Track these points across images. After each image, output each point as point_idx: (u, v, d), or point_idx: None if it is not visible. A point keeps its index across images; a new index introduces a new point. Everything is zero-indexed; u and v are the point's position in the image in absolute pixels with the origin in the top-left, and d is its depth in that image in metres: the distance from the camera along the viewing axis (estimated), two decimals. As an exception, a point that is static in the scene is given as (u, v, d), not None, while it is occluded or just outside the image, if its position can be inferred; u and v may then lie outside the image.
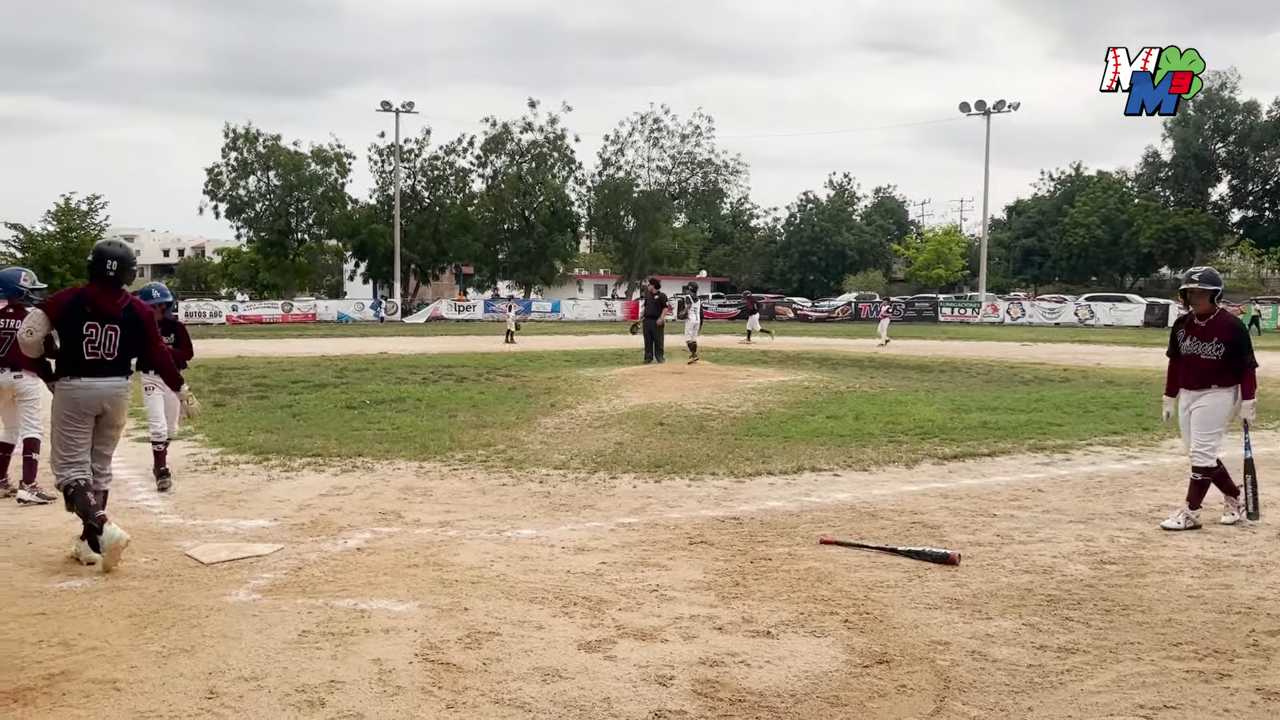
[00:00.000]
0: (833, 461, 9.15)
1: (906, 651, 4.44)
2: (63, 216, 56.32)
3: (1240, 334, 6.90)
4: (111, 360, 5.95)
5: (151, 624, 4.68)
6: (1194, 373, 6.93)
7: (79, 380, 5.86)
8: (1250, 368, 6.88)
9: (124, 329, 5.96)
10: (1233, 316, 7.12)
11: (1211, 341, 6.85)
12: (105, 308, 5.92)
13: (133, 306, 6.07)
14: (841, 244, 75.05)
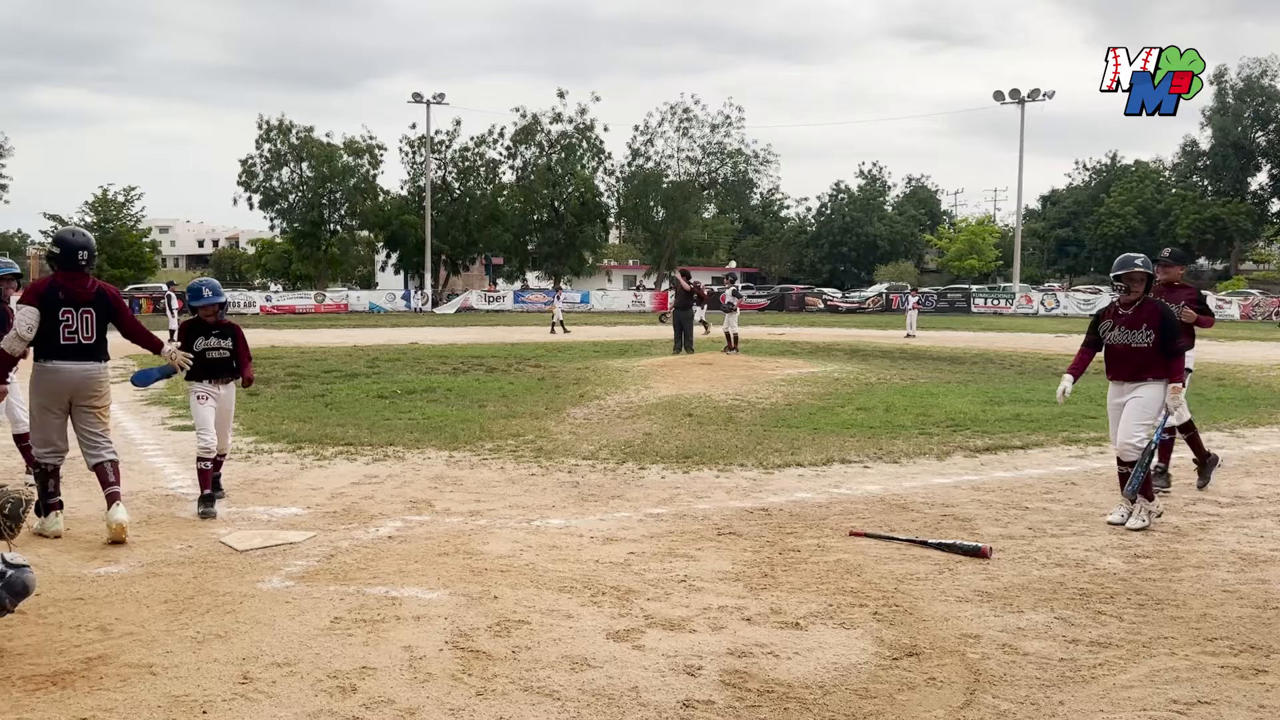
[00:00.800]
0: (863, 453, 9.11)
1: (936, 644, 4.42)
2: (100, 207, 57.23)
3: (1171, 321, 6.57)
4: (90, 344, 6.17)
5: (187, 609, 4.75)
6: (1128, 364, 6.60)
7: (51, 364, 6.11)
8: (1178, 354, 6.55)
9: (98, 311, 6.21)
10: (1161, 302, 6.75)
11: (1141, 329, 6.52)
12: (78, 293, 6.15)
13: (102, 289, 6.36)
14: (873, 234, 74.57)
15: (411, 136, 60.28)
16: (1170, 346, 6.50)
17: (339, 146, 59.26)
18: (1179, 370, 6.54)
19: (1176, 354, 6.53)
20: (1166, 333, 6.50)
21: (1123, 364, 6.63)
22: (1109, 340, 6.70)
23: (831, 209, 78.07)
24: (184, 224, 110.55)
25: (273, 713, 3.63)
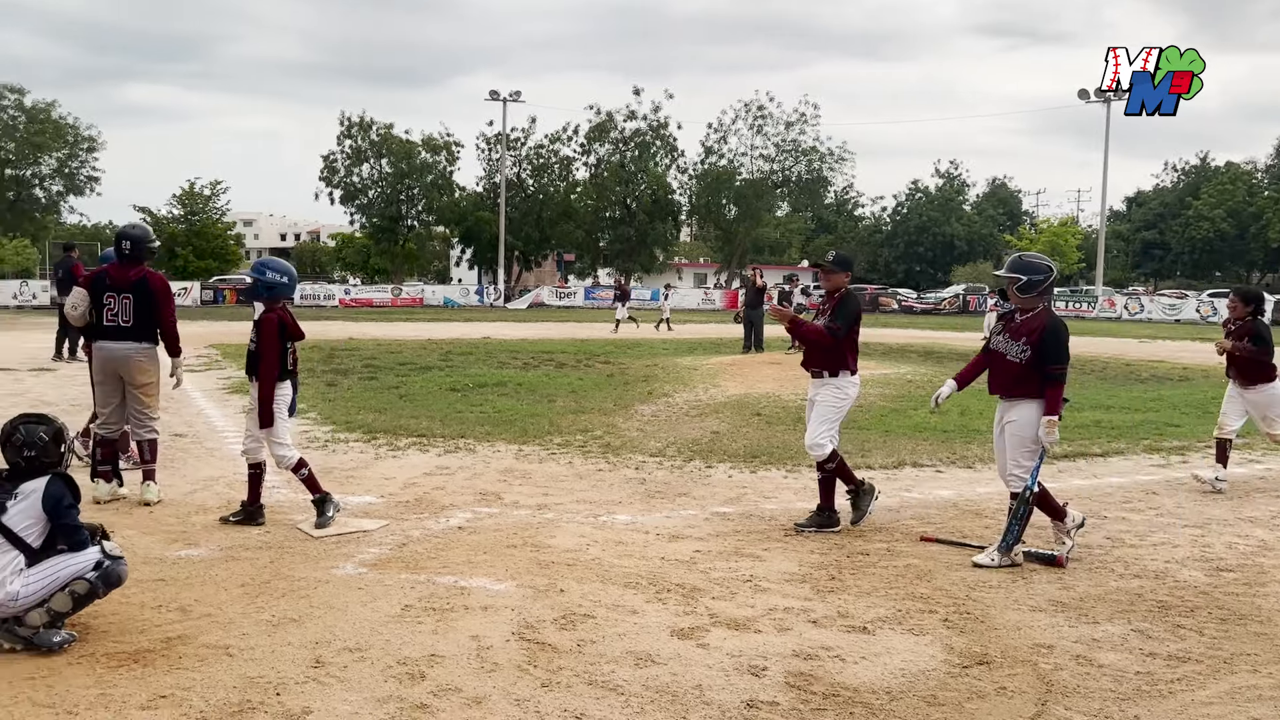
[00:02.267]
0: (935, 457, 8.96)
1: (1008, 653, 4.33)
2: (187, 200, 59.00)
3: (1052, 336, 5.64)
4: (127, 326, 6.76)
5: (263, 593, 4.89)
6: (1000, 377, 5.85)
7: (97, 343, 6.85)
8: (1055, 380, 5.62)
9: (136, 296, 6.74)
10: (1053, 317, 5.78)
11: (1019, 341, 5.72)
12: (119, 280, 6.78)
13: (145, 278, 6.85)
14: (950, 234, 73.25)
15: (488, 134, 60.99)
16: (1047, 371, 5.65)
17: (417, 143, 60.22)
18: (1054, 400, 5.62)
19: (1052, 380, 5.64)
20: (1044, 353, 5.63)
21: (996, 374, 5.91)
22: (993, 344, 5.99)
23: (908, 208, 76.88)
24: (267, 217, 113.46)
25: (343, 697, 3.72)
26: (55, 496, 4.20)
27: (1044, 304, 5.83)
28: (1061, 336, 5.68)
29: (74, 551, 4.22)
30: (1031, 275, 5.78)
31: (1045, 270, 5.84)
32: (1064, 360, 5.66)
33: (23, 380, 14.09)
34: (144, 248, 7.02)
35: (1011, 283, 5.82)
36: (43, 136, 53.31)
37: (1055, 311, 5.86)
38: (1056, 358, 5.63)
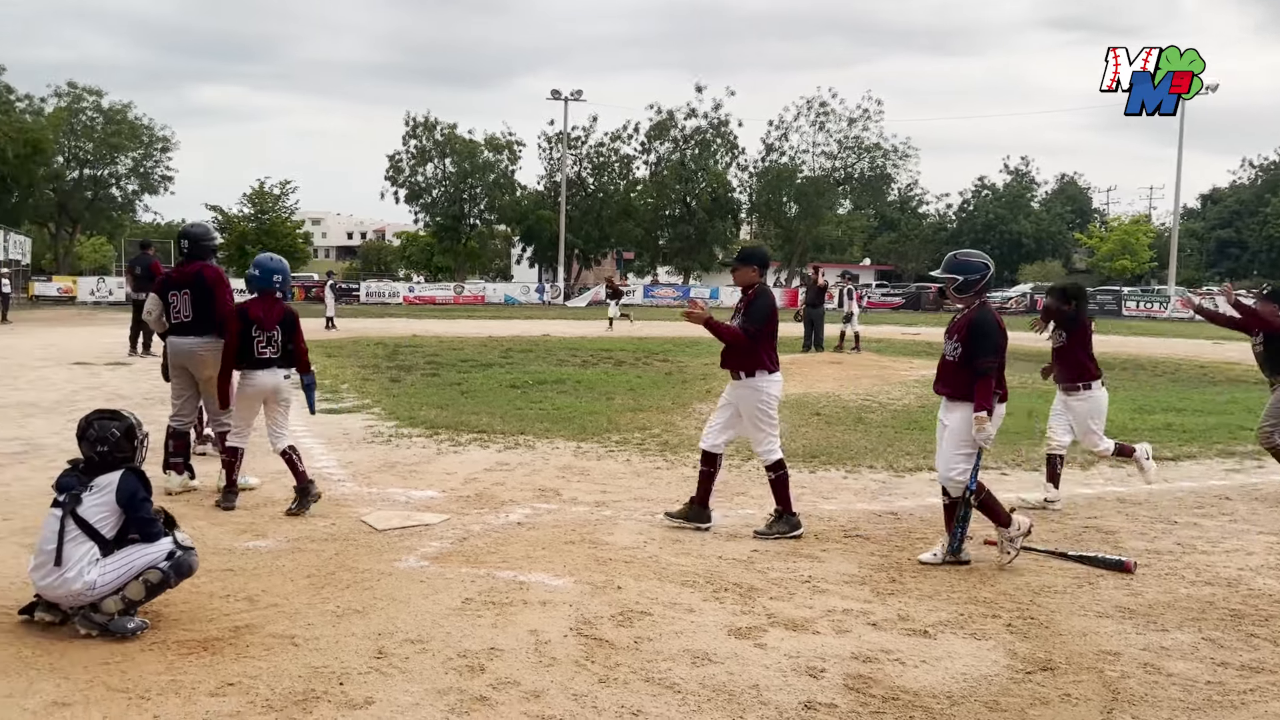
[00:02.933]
0: (1000, 459, 8.81)
1: (1073, 660, 4.25)
2: (257, 199, 60.33)
3: (978, 330, 5.50)
4: (189, 320, 7.00)
5: (328, 584, 4.99)
6: (940, 376, 5.73)
7: (169, 339, 7.19)
8: (981, 374, 5.44)
9: (193, 291, 6.99)
10: (982, 312, 5.60)
11: (952, 339, 5.62)
12: (178, 277, 7.13)
13: (200, 272, 7.07)
14: (1018, 232, 71.87)
15: (549, 133, 61.43)
16: (974, 365, 5.48)
17: (480, 143, 60.85)
18: (982, 395, 5.43)
19: (979, 374, 5.47)
20: (972, 347, 5.50)
21: (938, 374, 5.77)
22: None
23: (974, 205, 75.59)
24: (334, 216, 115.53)
25: (405, 688, 3.78)
26: (129, 491, 4.33)
27: (980, 301, 5.68)
28: (988, 330, 5.52)
29: (148, 542, 4.35)
30: (967, 275, 5.65)
31: (980, 269, 5.69)
32: (991, 354, 5.47)
33: (99, 374, 14.55)
34: (202, 246, 7.21)
35: (949, 283, 5.71)
36: (119, 137, 54.94)
37: (990, 308, 5.69)
38: (983, 351, 5.48)
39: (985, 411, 5.43)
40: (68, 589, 4.17)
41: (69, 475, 4.39)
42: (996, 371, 5.50)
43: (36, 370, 14.86)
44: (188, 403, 7.15)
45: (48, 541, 4.22)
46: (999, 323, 5.56)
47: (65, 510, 4.24)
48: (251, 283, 6.72)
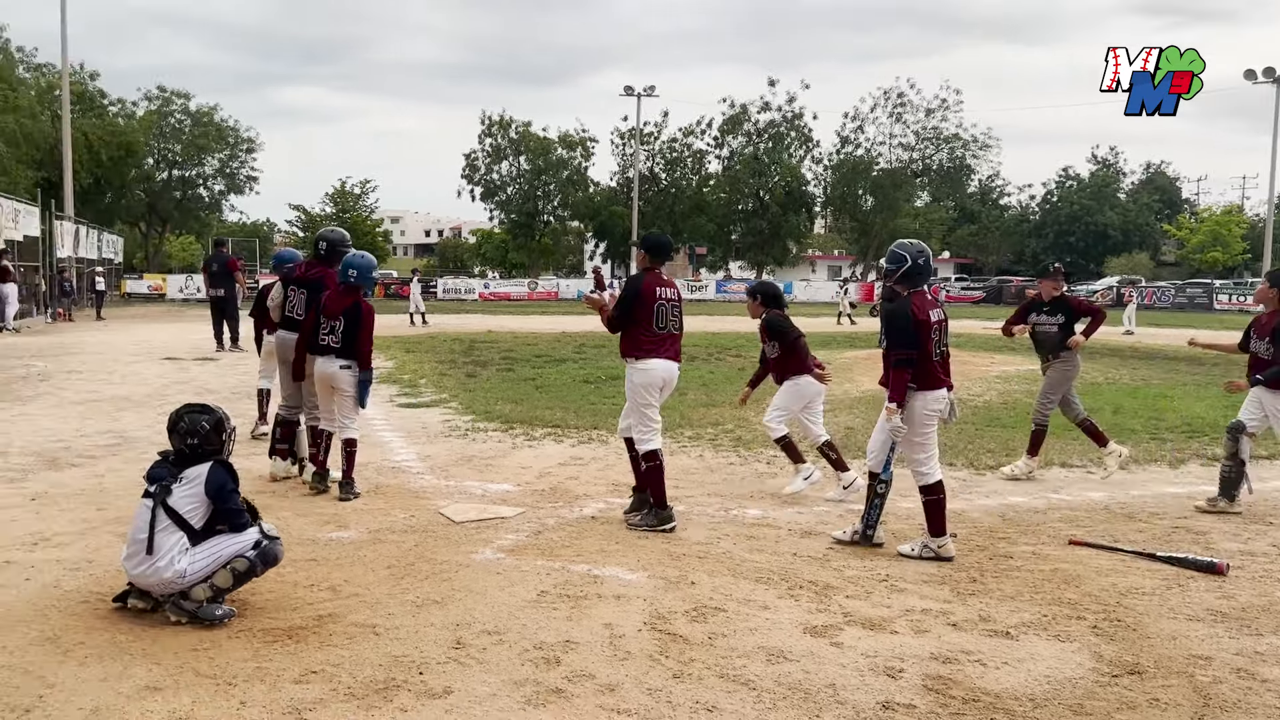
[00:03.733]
0: (1085, 457, 8.57)
1: (1162, 664, 4.12)
2: (338, 199, 61.77)
3: (891, 324, 5.58)
4: (301, 319, 7.18)
5: (407, 575, 5.07)
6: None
7: (279, 333, 7.54)
8: (896, 366, 5.48)
9: (309, 291, 7.23)
10: (899, 303, 5.61)
11: (881, 330, 5.71)
12: (301, 277, 7.41)
13: (322, 276, 7.25)
14: (1103, 223, 69.73)
15: (622, 129, 61.57)
16: (891, 356, 5.54)
17: (554, 140, 61.30)
18: (895, 386, 5.47)
19: (894, 366, 5.51)
20: (889, 338, 5.59)
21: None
22: None
23: (1058, 196, 73.60)
24: (413, 215, 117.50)
25: (482, 678, 3.82)
26: (218, 483, 4.46)
27: (908, 293, 5.63)
28: (899, 321, 5.52)
29: (235, 532, 4.48)
30: (897, 263, 5.65)
31: (898, 259, 5.66)
32: (904, 346, 5.47)
33: (188, 369, 15.03)
34: (339, 251, 7.32)
35: (887, 273, 5.76)
36: (206, 139, 56.61)
37: (912, 299, 5.61)
38: (896, 342, 5.51)
39: (895, 403, 5.48)
40: (159, 577, 4.32)
41: (159, 467, 4.53)
42: (921, 363, 5.48)
43: (129, 365, 15.42)
44: (295, 394, 7.40)
45: (140, 531, 4.37)
46: (914, 314, 5.51)
47: (156, 501, 4.38)
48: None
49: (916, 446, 5.61)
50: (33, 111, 40.19)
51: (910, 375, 5.48)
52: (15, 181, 34.42)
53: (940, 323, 5.63)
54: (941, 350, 5.63)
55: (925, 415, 5.57)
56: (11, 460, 7.82)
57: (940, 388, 5.59)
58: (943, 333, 5.65)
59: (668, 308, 6.15)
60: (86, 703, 3.53)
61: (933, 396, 5.56)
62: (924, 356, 5.50)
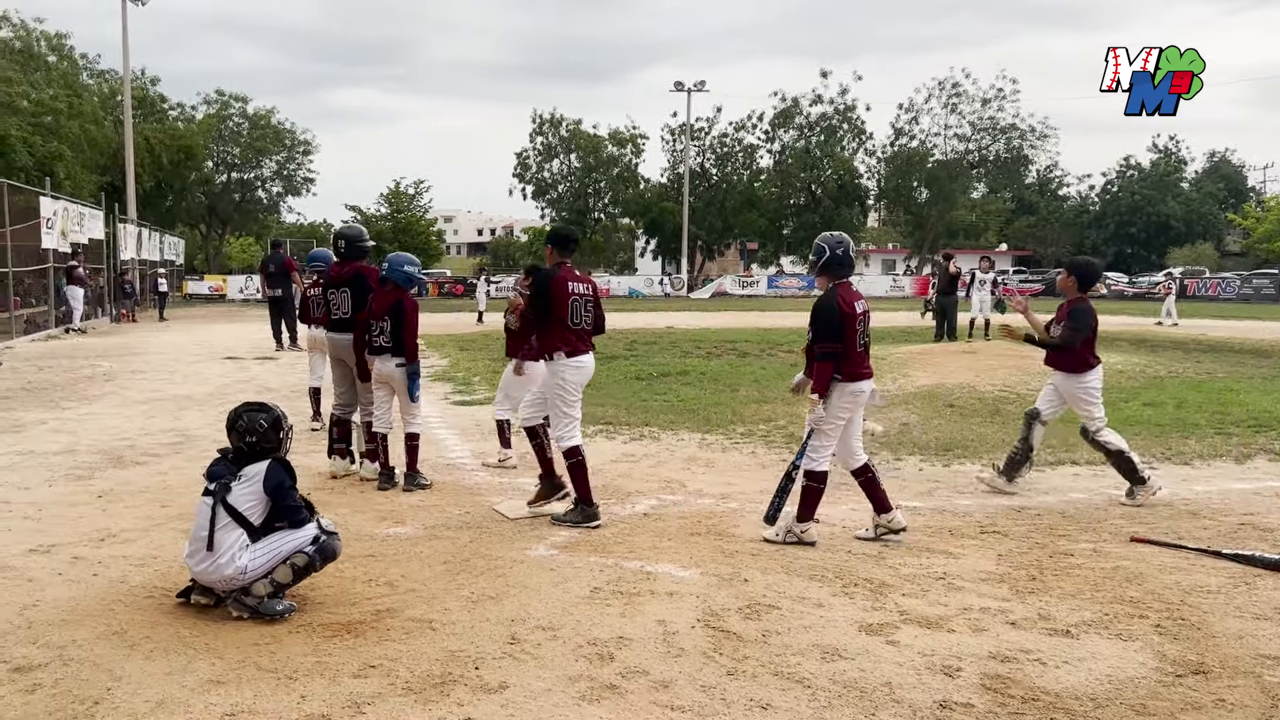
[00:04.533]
0: (1148, 453, 8.37)
1: (1228, 664, 4.01)
2: (393, 199, 62.54)
3: (815, 317, 5.68)
4: (346, 318, 7.35)
5: (463, 571, 5.13)
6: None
7: (329, 334, 7.66)
8: (820, 359, 5.60)
9: (352, 290, 7.36)
10: (822, 296, 5.76)
11: (809, 323, 5.77)
12: (337, 276, 7.55)
13: (359, 273, 7.39)
14: (1166, 214, 68.06)
15: (672, 125, 61.52)
16: (815, 350, 5.68)
17: (604, 137, 61.44)
18: (819, 377, 5.62)
19: (818, 359, 5.64)
20: (814, 330, 5.71)
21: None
22: None
23: (1119, 186, 71.98)
24: (465, 214, 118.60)
25: (537, 674, 3.85)
26: (276, 480, 4.54)
27: (834, 285, 5.74)
28: (822, 315, 5.64)
29: (294, 528, 4.55)
30: (818, 255, 5.79)
31: (818, 250, 5.80)
32: (827, 339, 5.60)
33: (248, 368, 15.33)
34: (356, 246, 7.55)
35: (810, 265, 5.92)
36: (264, 141, 57.72)
37: (837, 290, 5.71)
38: (819, 335, 5.64)
39: (818, 394, 5.62)
40: (220, 574, 4.41)
41: (219, 464, 4.62)
42: (845, 354, 5.59)
43: (191, 365, 15.77)
44: (348, 393, 7.55)
45: (201, 528, 4.46)
46: (838, 307, 5.60)
47: (216, 498, 4.47)
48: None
49: (822, 435, 5.74)
50: (96, 117, 41.33)
51: (835, 368, 5.62)
52: (80, 186, 35.40)
53: (864, 314, 5.76)
54: (865, 341, 5.76)
55: (842, 407, 5.69)
56: (79, 458, 8.04)
57: (862, 380, 5.70)
58: (866, 325, 5.79)
59: (581, 302, 6.17)
60: (152, 695, 3.62)
61: (853, 389, 5.69)
62: (848, 349, 5.62)
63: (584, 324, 6.17)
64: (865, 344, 5.77)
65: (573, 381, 6.14)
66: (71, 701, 3.57)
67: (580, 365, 6.15)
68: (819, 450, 5.76)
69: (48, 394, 12.04)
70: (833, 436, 5.76)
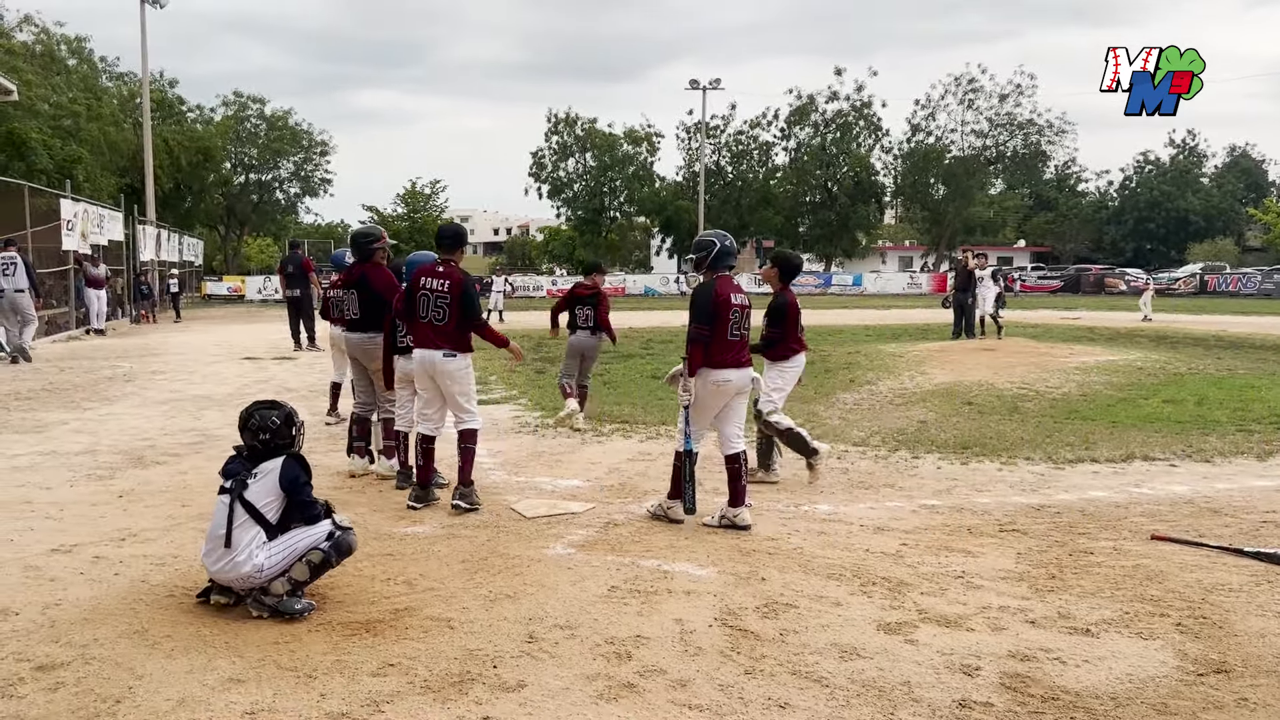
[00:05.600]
0: (1169, 450, 8.32)
1: (1250, 662, 3.98)
2: (409, 199, 62.74)
3: (692, 302, 6.06)
4: (356, 318, 7.44)
5: (481, 570, 5.14)
6: None
7: (344, 333, 7.73)
8: (691, 341, 5.99)
9: (358, 291, 7.41)
10: (705, 285, 6.08)
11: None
12: (346, 277, 7.68)
13: (364, 274, 7.40)
14: (1185, 209, 67.55)
15: (688, 123, 61.49)
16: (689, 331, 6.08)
17: (619, 136, 61.46)
18: (689, 359, 6.03)
19: (688, 340, 6.03)
20: (690, 313, 6.08)
21: None
22: None
23: (1137, 182, 71.47)
24: (482, 213, 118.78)
25: (555, 672, 3.86)
26: (291, 476, 4.55)
27: (714, 276, 6.09)
28: (698, 300, 6.01)
29: (309, 525, 4.58)
30: (706, 249, 6.15)
31: (707, 245, 6.17)
32: (699, 322, 5.95)
33: (267, 369, 15.42)
34: (359, 247, 7.57)
35: (697, 260, 6.22)
36: (281, 143, 58.04)
37: (714, 281, 6.08)
38: (694, 318, 5.99)
39: (688, 375, 5.99)
40: (238, 572, 4.43)
41: (234, 463, 4.64)
42: (714, 341, 5.95)
43: (210, 365, 15.88)
44: (367, 391, 7.59)
45: (218, 526, 4.48)
46: (716, 295, 5.98)
47: (233, 496, 4.49)
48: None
49: (714, 419, 6.14)
50: (115, 119, 41.61)
51: (704, 350, 5.95)
52: (100, 188, 35.65)
53: (742, 307, 6.07)
54: (739, 333, 6.07)
55: (706, 393, 6.01)
56: (100, 458, 8.11)
57: (730, 367, 6.02)
58: (744, 317, 6.10)
59: (431, 298, 6.35)
60: (173, 694, 3.65)
61: (721, 375, 6.00)
62: (718, 335, 5.97)
63: (430, 319, 6.39)
64: (741, 336, 6.10)
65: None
66: (94, 700, 3.60)
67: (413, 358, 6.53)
68: (691, 432, 6.09)
69: (69, 394, 12.15)
70: (702, 420, 6.12)
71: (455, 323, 6.31)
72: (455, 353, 6.33)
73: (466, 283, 6.41)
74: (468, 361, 6.43)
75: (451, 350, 6.32)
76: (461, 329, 6.36)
